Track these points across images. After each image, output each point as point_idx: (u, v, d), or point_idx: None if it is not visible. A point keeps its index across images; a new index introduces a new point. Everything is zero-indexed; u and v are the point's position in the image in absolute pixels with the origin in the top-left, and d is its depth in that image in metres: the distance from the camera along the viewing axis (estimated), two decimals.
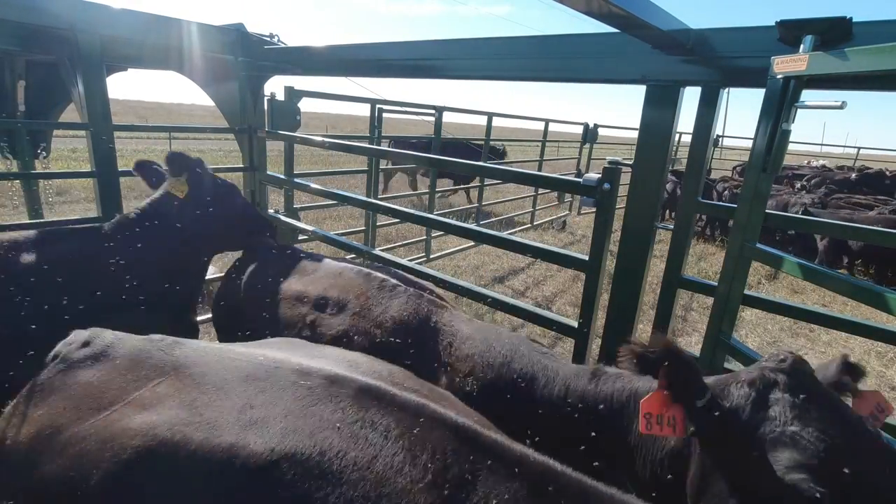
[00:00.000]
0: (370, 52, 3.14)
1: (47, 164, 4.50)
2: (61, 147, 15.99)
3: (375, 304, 2.08)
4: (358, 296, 2.14)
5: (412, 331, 1.94)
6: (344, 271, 2.33)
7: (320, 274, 2.36)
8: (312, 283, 2.30)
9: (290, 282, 2.36)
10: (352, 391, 1.21)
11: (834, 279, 1.57)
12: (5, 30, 2.74)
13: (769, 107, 1.63)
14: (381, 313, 2.03)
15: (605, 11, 1.56)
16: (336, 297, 2.15)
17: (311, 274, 2.39)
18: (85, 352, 1.41)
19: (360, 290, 2.16)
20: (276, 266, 2.51)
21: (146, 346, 1.43)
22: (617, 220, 2.21)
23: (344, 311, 2.09)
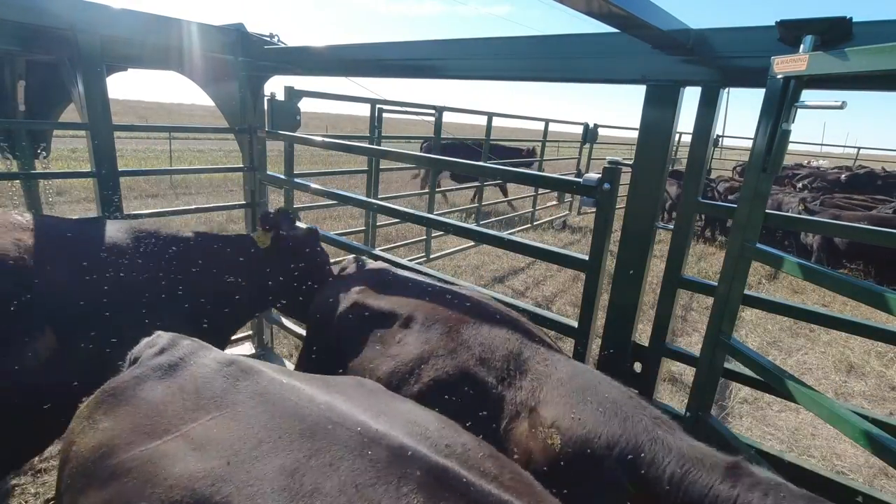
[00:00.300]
0: (370, 52, 3.13)
1: (47, 164, 4.50)
2: (61, 147, 15.99)
3: (463, 330, 1.88)
4: (444, 319, 1.95)
5: (498, 364, 1.73)
6: (432, 291, 2.18)
7: (407, 291, 2.22)
8: (398, 301, 2.15)
9: (374, 298, 2.23)
10: (419, 473, 1.05)
11: (834, 279, 1.57)
12: (5, 30, 2.74)
13: (769, 107, 1.63)
14: (467, 341, 1.83)
15: (605, 11, 1.56)
16: (420, 318, 1.99)
17: (397, 291, 2.24)
18: (160, 360, 1.36)
19: (446, 312, 1.98)
20: (363, 280, 2.41)
21: (213, 368, 1.34)
22: (617, 220, 2.21)
23: (426, 336, 1.91)
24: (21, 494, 2.68)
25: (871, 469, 3.49)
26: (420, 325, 1.95)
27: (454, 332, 1.87)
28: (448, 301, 2.06)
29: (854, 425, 1.44)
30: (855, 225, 2.12)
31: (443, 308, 2.02)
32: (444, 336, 1.87)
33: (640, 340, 2.39)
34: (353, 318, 2.14)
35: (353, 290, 2.31)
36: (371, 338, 2.01)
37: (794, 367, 4.94)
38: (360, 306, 2.17)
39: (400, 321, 2.02)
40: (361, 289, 2.30)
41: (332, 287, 2.46)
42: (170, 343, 1.43)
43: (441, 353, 1.80)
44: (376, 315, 2.10)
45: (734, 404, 4.16)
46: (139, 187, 11.46)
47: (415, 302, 2.10)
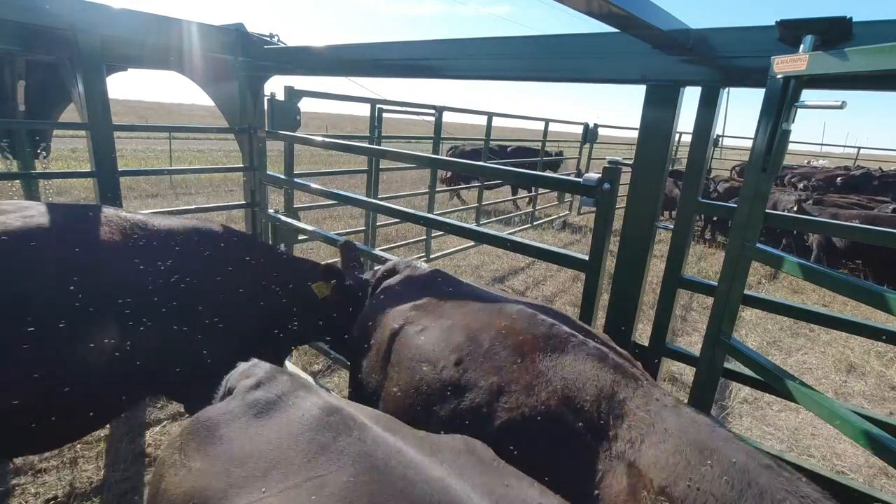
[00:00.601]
0: (370, 52, 3.13)
1: (47, 164, 4.50)
2: (61, 147, 15.99)
3: (539, 359, 1.57)
4: (515, 345, 1.62)
5: (587, 405, 1.41)
6: (503, 310, 1.81)
7: (472, 309, 1.87)
8: (457, 319, 1.82)
9: (429, 316, 1.89)
10: None
11: (833, 279, 1.57)
12: (5, 30, 2.74)
13: (769, 107, 1.63)
14: (545, 374, 1.52)
15: (605, 11, 1.56)
16: (486, 342, 1.67)
17: (460, 308, 1.90)
18: (256, 396, 1.26)
19: (521, 338, 1.65)
20: (412, 294, 2.09)
21: (314, 416, 1.20)
22: (617, 220, 2.21)
23: (493, 364, 1.59)
24: (21, 494, 2.68)
25: (871, 469, 3.49)
26: (486, 351, 1.64)
27: (529, 362, 1.55)
28: (517, 320, 1.73)
29: (855, 425, 1.44)
30: (856, 225, 2.13)
31: (512, 329, 1.69)
32: (516, 366, 1.56)
33: (641, 340, 2.39)
34: (406, 342, 1.83)
35: (403, 309, 1.99)
36: (428, 366, 1.69)
37: (794, 366, 4.94)
38: (413, 327, 1.86)
39: (462, 345, 1.69)
40: (413, 306, 1.97)
41: (378, 306, 2.14)
42: (267, 376, 1.32)
43: (514, 388, 1.50)
44: (432, 337, 1.78)
45: (734, 404, 4.16)
46: (139, 187, 11.46)
47: (477, 320, 1.78)
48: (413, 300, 2.01)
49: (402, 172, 14.99)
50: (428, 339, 1.77)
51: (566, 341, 1.59)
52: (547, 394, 1.45)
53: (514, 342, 1.62)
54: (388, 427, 1.24)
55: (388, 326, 1.93)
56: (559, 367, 1.51)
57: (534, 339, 1.61)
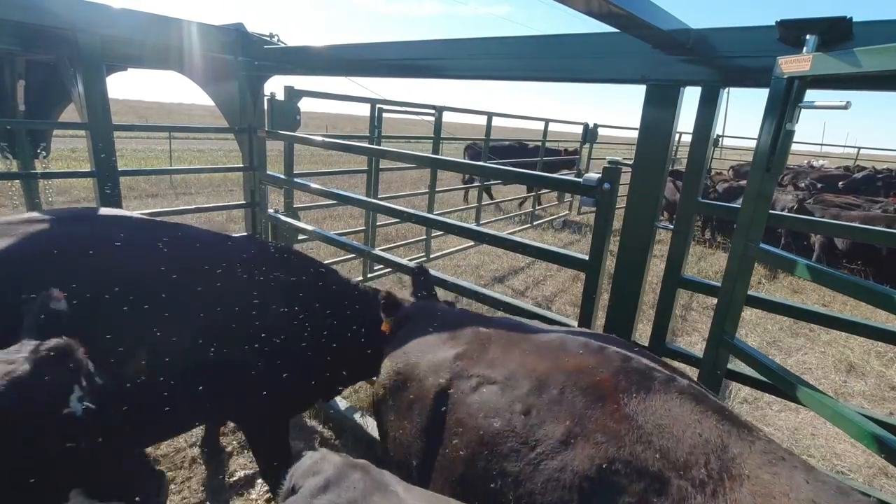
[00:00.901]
0: (370, 52, 3.13)
1: (47, 163, 4.49)
2: (61, 147, 15.99)
3: (625, 402, 1.28)
4: (593, 386, 1.35)
5: (691, 460, 1.12)
6: (564, 345, 1.56)
7: (526, 350, 1.59)
8: (522, 367, 1.52)
9: (479, 360, 1.61)
10: None
11: (837, 279, 1.57)
12: (5, 30, 2.74)
13: (773, 107, 1.63)
14: (635, 420, 1.22)
15: (605, 11, 1.56)
16: (557, 384, 1.39)
17: (511, 350, 1.62)
18: (326, 502, 1.10)
19: (593, 374, 1.39)
20: (451, 337, 1.80)
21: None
22: (617, 220, 2.21)
23: (569, 409, 1.32)
24: None
25: (871, 469, 3.49)
26: (558, 394, 1.36)
27: (613, 406, 1.27)
28: (585, 355, 1.49)
29: (858, 426, 1.44)
30: (857, 225, 2.13)
31: (586, 367, 1.42)
32: (598, 411, 1.28)
33: (641, 340, 2.39)
34: (462, 401, 1.52)
35: (443, 360, 1.68)
36: (497, 424, 1.39)
37: (794, 366, 4.94)
38: (465, 382, 1.56)
39: (532, 395, 1.41)
40: (455, 356, 1.67)
41: (409, 357, 1.83)
42: (337, 475, 1.14)
43: (599, 439, 1.21)
44: (494, 391, 1.48)
45: (734, 404, 4.16)
46: (139, 187, 11.46)
47: (539, 363, 1.51)
48: (452, 348, 1.73)
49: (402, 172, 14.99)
50: (489, 394, 1.48)
51: (650, 377, 1.32)
52: (642, 444, 1.17)
53: (591, 383, 1.35)
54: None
55: (429, 382, 1.63)
56: (650, 413, 1.22)
57: (613, 377, 1.34)
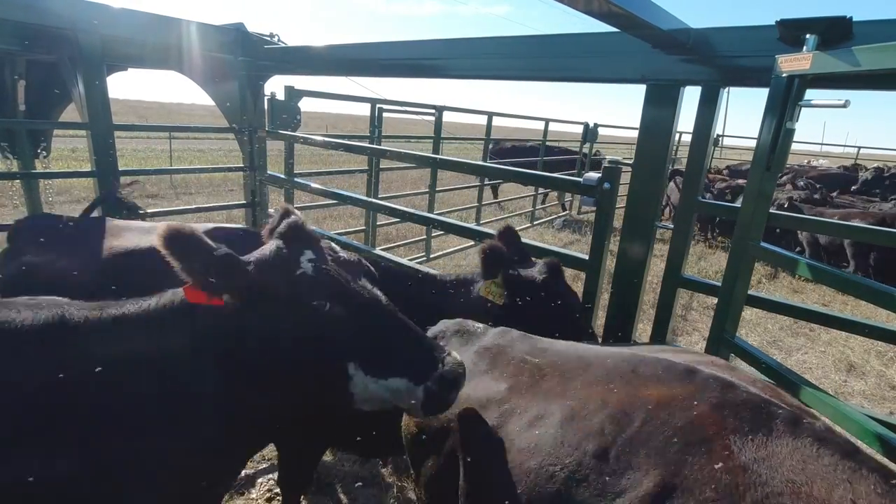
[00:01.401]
0: (370, 52, 3.14)
1: (47, 163, 4.50)
2: (61, 147, 15.97)
3: (742, 451, 0.95)
4: (695, 426, 1.02)
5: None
6: (637, 369, 1.23)
7: (591, 377, 1.27)
8: (589, 399, 1.20)
9: (539, 397, 1.29)
10: None
11: (839, 278, 1.57)
12: (6, 30, 2.74)
13: (773, 105, 1.63)
14: (755, 471, 0.91)
15: (606, 11, 1.56)
16: (648, 428, 1.06)
17: (571, 378, 1.30)
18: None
19: (695, 413, 1.04)
20: (495, 365, 1.48)
21: None
22: (617, 220, 2.21)
23: (663, 462, 0.99)
24: None
25: None
26: (647, 438, 1.04)
27: (721, 451, 0.96)
28: (670, 381, 1.15)
29: (860, 424, 1.44)
30: (858, 225, 2.13)
31: (673, 398, 1.10)
32: (702, 458, 0.96)
33: (641, 340, 2.39)
34: (516, 440, 1.23)
35: (489, 394, 1.38)
36: (560, 469, 1.10)
37: (795, 366, 4.93)
38: (520, 418, 1.27)
39: (605, 431, 1.10)
40: (507, 389, 1.37)
41: None
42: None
43: (706, 495, 0.91)
44: (554, 428, 1.18)
45: None
46: (139, 187, 11.46)
47: (611, 393, 1.19)
48: (498, 379, 1.42)
49: (402, 172, 14.97)
50: (549, 431, 1.19)
51: (770, 414, 1.00)
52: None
53: (686, 420, 1.03)
54: None
55: (473, 421, 1.35)
56: (775, 462, 0.92)
57: (716, 412, 1.03)
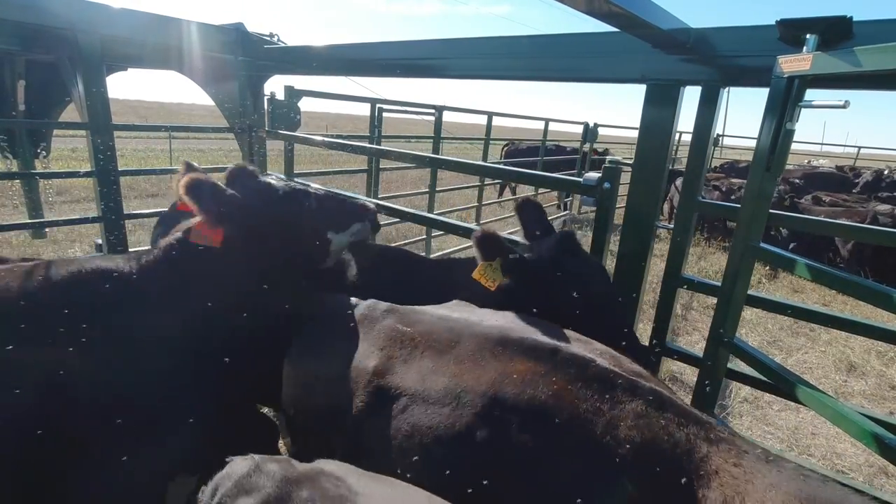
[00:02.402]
0: (370, 51, 3.13)
1: (47, 163, 4.50)
2: (61, 147, 15.98)
3: (587, 416, 1.17)
4: (552, 397, 1.21)
5: (666, 469, 1.08)
6: (504, 341, 1.37)
7: (464, 352, 1.38)
8: (455, 372, 1.33)
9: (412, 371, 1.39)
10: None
11: (839, 279, 1.57)
12: (5, 30, 2.74)
13: (773, 106, 1.63)
14: (601, 439, 1.13)
15: (606, 11, 1.56)
16: (511, 403, 1.22)
17: (446, 352, 1.40)
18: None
19: (551, 386, 1.23)
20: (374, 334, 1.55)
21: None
22: (617, 220, 2.21)
23: (531, 431, 1.18)
24: None
25: (871, 468, 3.49)
26: (514, 409, 1.22)
27: (576, 420, 1.18)
28: (534, 359, 1.31)
29: (859, 425, 1.44)
30: (860, 225, 2.13)
31: (536, 374, 1.27)
32: (562, 427, 1.17)
33: (641, 340, 2.39)
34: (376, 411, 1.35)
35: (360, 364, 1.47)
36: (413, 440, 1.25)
37: (795, 366, 4.93)
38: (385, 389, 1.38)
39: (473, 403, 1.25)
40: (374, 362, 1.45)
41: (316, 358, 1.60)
42: (278, 497, 0.87)
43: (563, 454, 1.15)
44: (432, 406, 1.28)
45: (735, 404, 4.16)
46: (139, 187, 11.45)
47: (485, 372, 1.31)
48: (370, 349, 1.51)
49: (402, 172, 14.97)
50: (420, 402, 1.31)
51: (613, 383, 1.21)
52: (616, 454, 1.11)
53: (549, 392, 1.22)
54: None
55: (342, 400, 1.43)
56: (619, 422, 1.15)
57: (572, 384, 1.23)
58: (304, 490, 0.88)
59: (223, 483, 0.94)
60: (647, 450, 1.10)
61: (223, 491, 0.92)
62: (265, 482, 0.90)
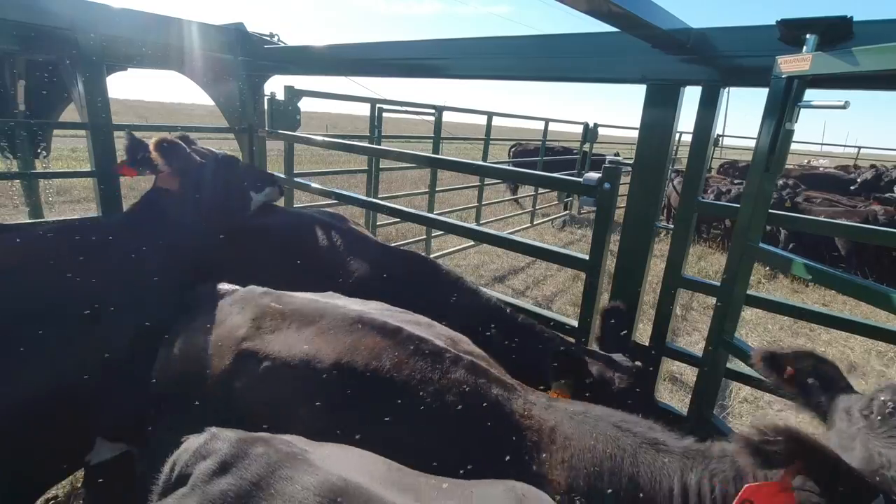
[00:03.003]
0: (370, 51, 3.13)
1: (47, 163, 4.50)
2: (61, 147, 15.98)
3: (417, 383, 1.44)
4: (390, 370, 1.47)
5: (480, 423, 1.38)
6: (360, 320, 1.60)
7: (325, 326, 1.61)
8: (315, 342, 1.56)
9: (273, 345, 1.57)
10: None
11: (838, 279, 1.57)
12: (5, 30, 2.74)
13: (773, 106, 1.63)
14: (426, 400, 1.41)
15: (606, 11, 1.56)
16: (359, 369, 1.47)
17: (304, 329, 1.62)
18: (223, 486, 0.91)
19: (389, 360, 1.49)
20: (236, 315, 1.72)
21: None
22: (617, 220, 2.21)
23: (375, 399, 1.43)
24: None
25: None
26: (363, 377, 1.46)
27: (410, 386, 1.44)
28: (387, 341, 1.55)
29: None
30: (860, 225, 2.13)
31: (383, 351, 1.51)
32: (401, 394, 1.43)
33: (641, 340, 2.39)
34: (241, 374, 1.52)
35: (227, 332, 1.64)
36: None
37: None
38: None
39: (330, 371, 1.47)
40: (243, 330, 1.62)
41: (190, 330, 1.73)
42: (234, 454, 0.95)
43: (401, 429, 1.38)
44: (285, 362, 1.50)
45: (734, 404, 4.16)
46: (139, 187, 11.41)
47: (336, 346, 1.53)
48: (244, 321, 1.67)
49: (402, 172, 14.97)
50: (287, 369, 1.50)
51: (443, 357, 1.50)
52: (442, 409, 1.39)
53: (391, 364, 1.48)
54: (416, 486, 0.99)
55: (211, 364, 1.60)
56: (441, 385, 1.44)
57: (409, 358, 1.50)
58: (259, 447, 0.97)
59: (181, 457, 1.01)
60: (466, 404, 1.40)
61: (181, 462, 0.99)
62: (221, 445, 0.98)
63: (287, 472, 0.91)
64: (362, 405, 1.43)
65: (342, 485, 0.89)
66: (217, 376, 1.55)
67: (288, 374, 1.49)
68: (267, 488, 0.89)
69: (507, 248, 2.58)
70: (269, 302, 1.72)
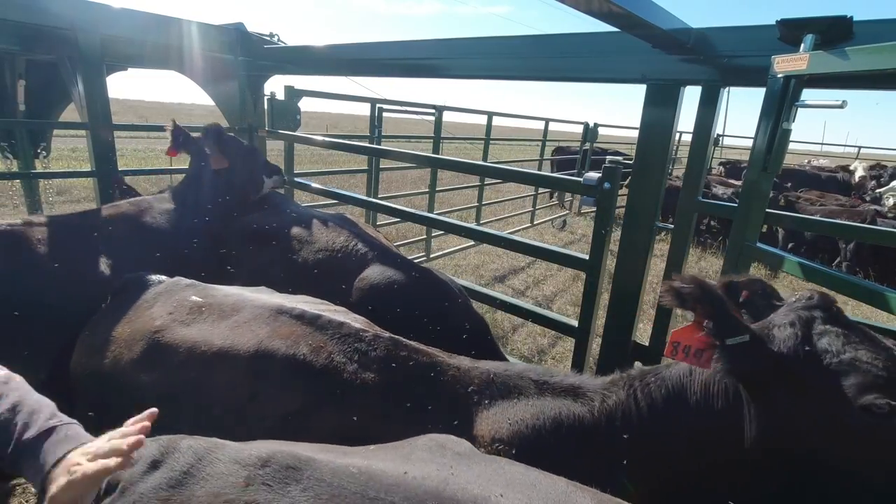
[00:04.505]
0: (370, 51, 3.14)
1: (47, 163, 4.50)
2: (61, 147, 15.97)
3: (340, 363, 1.47)
4: (312, 350, 1.49)
5: (409, 393, 1.43)
6: (279, 311, 1.62)
7: (242, 318, 1.62)
8: (230, 333, 1.56)
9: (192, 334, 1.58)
10: None
11: (834, 278, 1.57)
12: (5, 30, 2.74)
13: (770, 106, 1.63)
14: (351, 378, 1.44)
15: (606, 11, 1.56)
16: (277, 356, 1.48)
17: (226, 317, 1.63)
18: (157, 480, 0.92)
19: (311, 342, 1.52)
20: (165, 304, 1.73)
21: (241, 478, 0.91)
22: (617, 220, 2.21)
23: (299, 380, 1.45)
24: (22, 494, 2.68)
25: None
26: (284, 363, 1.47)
27: (332, 364, 1.48)
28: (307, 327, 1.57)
29: None
30: (860, 225, 2.13)
31: (302, 336, 1.53)
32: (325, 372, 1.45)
33: (641, 340, 2.39)
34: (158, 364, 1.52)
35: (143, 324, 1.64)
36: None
37: None
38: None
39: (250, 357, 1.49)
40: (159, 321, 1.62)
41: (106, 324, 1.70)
42: (163, 451, 0.97)
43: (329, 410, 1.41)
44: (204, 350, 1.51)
45: None
46: (139, 187, 11.34)
47: (258, 333, 1.55)
48: (166, 312, 1.68)
49: (402, 172, 14.97)
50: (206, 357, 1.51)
51: (361, 338, 1.55)
52: (366, 382, 1.44)
53: (310, 348, 1.51)
54: (342, 451, 1.02)
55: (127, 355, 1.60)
56: (367, 359, 1.50)
57: (328, 341, 1.53)
58: (186, 441, 1.01)
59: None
60: (391, 375, 1.45)
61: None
62: (148, 448, 0.99)
63: (215, 455, 0.95)
64: (285, 391, 1.44)
65: (269, 451, 0.94)
66: (130, 368, 1.55)
67: (201, 364, 1.50)
68: (198, 473, 0.92)
69: (507, 248, 2.59)
70: (191, 295, 1.73)
